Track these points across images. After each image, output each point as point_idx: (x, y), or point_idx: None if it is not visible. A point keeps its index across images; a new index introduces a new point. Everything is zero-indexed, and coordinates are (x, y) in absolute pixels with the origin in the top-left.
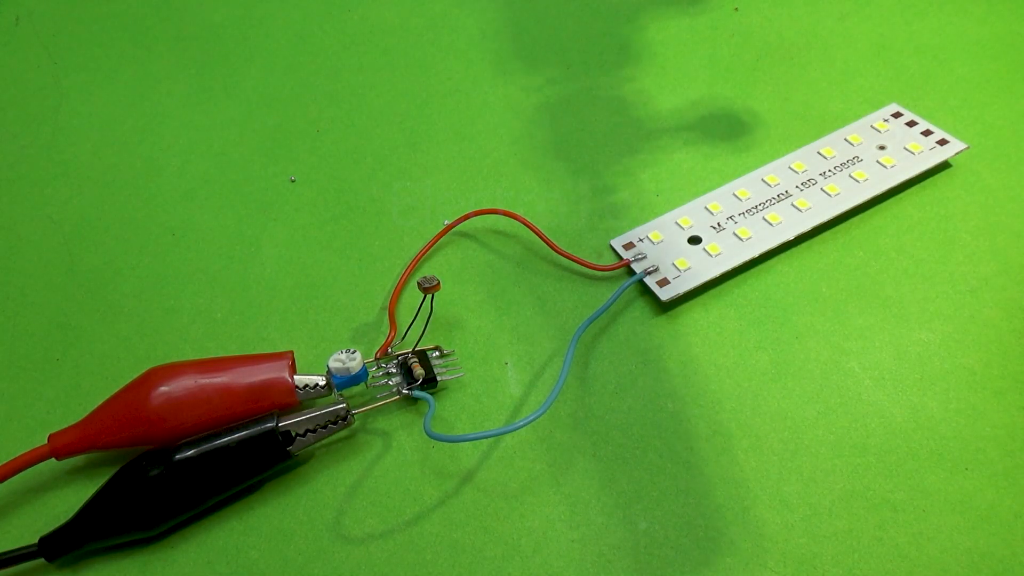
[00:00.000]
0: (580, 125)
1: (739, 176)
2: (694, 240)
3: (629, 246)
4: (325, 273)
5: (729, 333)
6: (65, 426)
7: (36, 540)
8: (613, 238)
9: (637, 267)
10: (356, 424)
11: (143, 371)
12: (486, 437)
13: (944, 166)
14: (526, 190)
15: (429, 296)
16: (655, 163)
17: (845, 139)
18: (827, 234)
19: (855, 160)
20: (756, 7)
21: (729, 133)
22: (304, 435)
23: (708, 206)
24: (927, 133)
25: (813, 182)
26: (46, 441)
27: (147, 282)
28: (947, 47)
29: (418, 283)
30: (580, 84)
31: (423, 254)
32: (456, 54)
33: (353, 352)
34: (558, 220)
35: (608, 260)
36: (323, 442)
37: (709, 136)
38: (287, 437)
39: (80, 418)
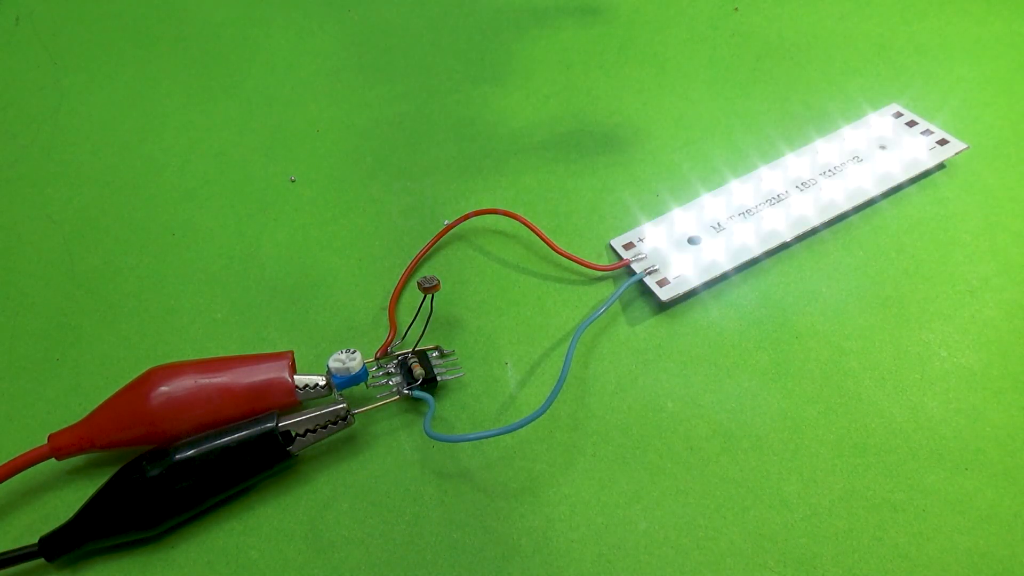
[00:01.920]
0: (580, 125)
1: (739, 176)
2: (694, 240)
3: (629, 246)
4: (325, 273)
5: (729, 333)
6: (65, 426)
7: (36, 540)
8: (613, 238)
9: (637, 267)
10: (356, 424)
11: (143, 371)
12: (486, 437)
13: (944, 166)
14: (526, 190)
15: (429, 296)
16: (655, 163)
17: (845, 139)
18: (827, 234)
19: (855, 160)
20: (756, 7)
21: (729, 133)
22: (304, 435)
23: (708, 206)
24: (927, 133)
25: (813, 182)
26: (46, 441)
27: (147, 282)
28: (947, 47)
29: (418, 283)
30: (579, 84)
31: (423, 254)
32: (456, 54)
33: (353, 352)
34: (558, 220)
35: (608, 260)
36: (323, 442)
37: (709, 136)
38: (287, 437)
39: (80, 418)
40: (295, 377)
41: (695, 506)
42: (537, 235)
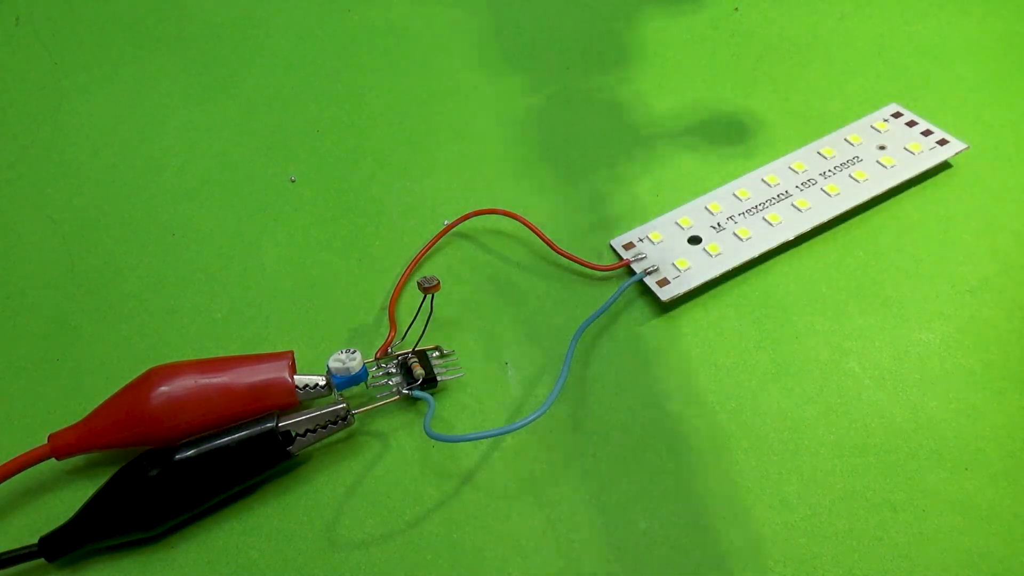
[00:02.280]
0: (580, 125)
1: (739, 176)
2: (694, 240)
3: (629, 246)
4: (325, 273)
5: (729, 333)
6: (65, 426)
7: (36, 540)
8: (613, 238)
9: (637, 267)
10: (356, 424)
11: (143, 371)
12: (486, 437)
13: (944, 166)
14: (526, 190)
15: (429, 296)
16: (655, 163)
17: (845, 139)
18: (827, 234)
19: (855, 160)
20: (756, 7)
21: (729, 133)
22: (304, 435)
23: (708, 206)
24: (927, 133)
25: (813, 182)
26: (46, 441)
27: (147, 282)
28: (947, 47)
29: (418, 283)
30: (580, 84)
31: (423, 254)
32: (456, 54)
33: (353, 352)
34: (558, 220)
35: (608, 260)
36: (323, 442)
37: (709, 136)
38: (287, 437)
39: (80, 418)
40: (295, 377)
41: (695, 506)
42: (537, 235)
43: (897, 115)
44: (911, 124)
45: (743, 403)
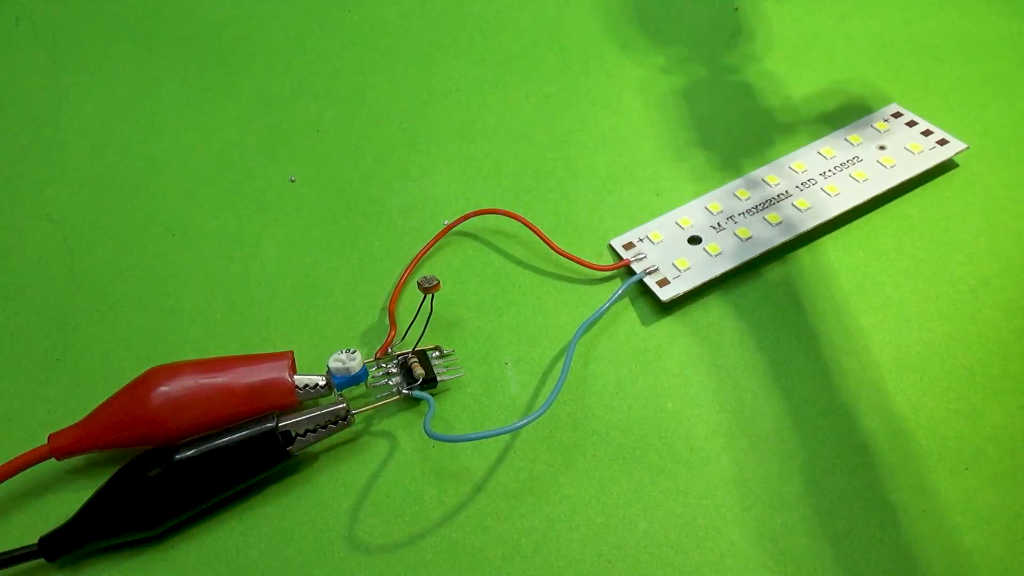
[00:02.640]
0: (578, 126)
1: (739, 176)
2: (694, 240)
3: (629, 246)
4: (325, 273)
5: (729, 333)
6: (65, 426)
7: (36, 540)
8: (613, 238)
9: (637, 267)
10: (356, 424)
11: (143, 371)
12: (486, 437)
13: (944, 166)
14: (526, 190)
15: (429, 296)
16: (655, 162)
17: (845, 139)
18: (827, 234)
19: (855, 160)
20: (756, 7)
21: (728, 132)
22: (304, 435)
23: (708, 206)
24: (927, 133)
25: (813, 182)
26: (46, 441)
27: (147, 282)
28: (947, 47)
29: (418, 283)
30: (579, 84)
31: (423, 254)
32: (456, 54)
33: (353, 352)
34: (558, 220)
35: (608, 260)
36: (323, 442)
37: (709, 135)
38: (287, 437)
39: (80, 418)
40: (295, 377)
41: (695, 506)
42: (537, 235)
43: (897, 115)
44: (911, 124)
45: (743, 403)
